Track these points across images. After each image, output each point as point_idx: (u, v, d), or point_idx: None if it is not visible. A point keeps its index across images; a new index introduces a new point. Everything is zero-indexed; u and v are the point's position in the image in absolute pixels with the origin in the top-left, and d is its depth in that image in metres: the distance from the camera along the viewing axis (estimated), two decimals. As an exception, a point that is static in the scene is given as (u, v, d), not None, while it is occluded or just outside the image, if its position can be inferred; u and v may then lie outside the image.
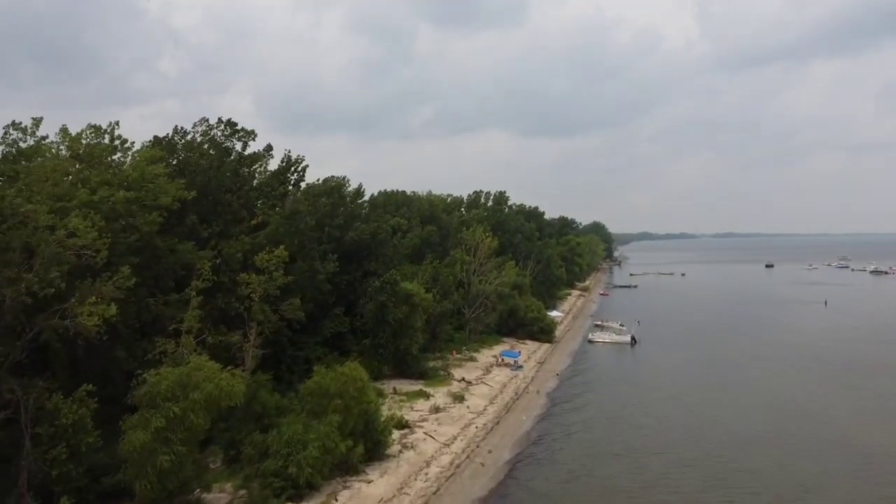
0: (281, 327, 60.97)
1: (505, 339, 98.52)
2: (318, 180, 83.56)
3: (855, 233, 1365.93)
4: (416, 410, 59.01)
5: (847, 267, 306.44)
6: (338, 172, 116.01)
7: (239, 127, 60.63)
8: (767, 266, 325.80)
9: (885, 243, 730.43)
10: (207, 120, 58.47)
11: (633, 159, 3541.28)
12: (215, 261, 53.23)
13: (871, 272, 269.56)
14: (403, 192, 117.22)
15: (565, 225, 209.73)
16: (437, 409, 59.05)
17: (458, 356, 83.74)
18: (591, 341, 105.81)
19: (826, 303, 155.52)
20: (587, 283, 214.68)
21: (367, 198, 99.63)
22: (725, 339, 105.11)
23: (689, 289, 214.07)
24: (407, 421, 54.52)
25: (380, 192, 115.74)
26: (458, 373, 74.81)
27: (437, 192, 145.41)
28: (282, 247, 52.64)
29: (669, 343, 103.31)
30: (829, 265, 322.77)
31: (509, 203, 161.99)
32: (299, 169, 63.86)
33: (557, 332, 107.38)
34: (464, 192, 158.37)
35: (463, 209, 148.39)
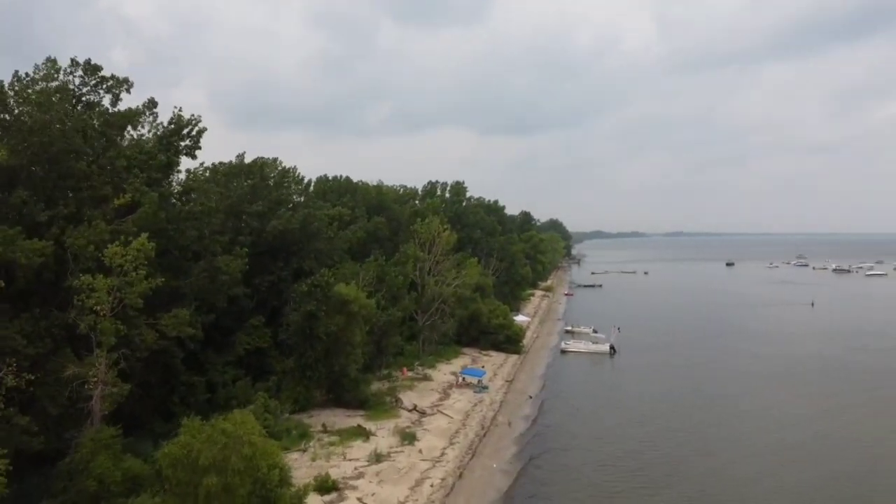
0: (167, 346, 44.92)
1: (465, 351, 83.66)
2: (236, 158, 67.51)
3: (802, 232, 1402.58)
4: (351, 460, 43.52)
5: (807, 265, 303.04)
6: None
7: (107, 74, 43.77)
8: (728, 264, 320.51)
9: (832, 242, 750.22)
10: (55, 60, 41.50)
11: (590, 159, 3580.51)
12: (59, 255, 36.83)
13: (834, 270, 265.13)
14: (348, 179, 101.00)
15: (527, 220, 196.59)
16: (378, 458, 43.63)
17: (410, 374, 68.45)
18: (564, 351, 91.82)
19: (813, 304, 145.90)
20: (549, 282, 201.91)
21: (306, 184, 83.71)
22: (717, 351, 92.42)
23: (656, 288, 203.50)
24: (335, 481, 38.93)
25: (318, 178, 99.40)
26: (408, 398, 59.49)
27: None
28: (144, 236, 36.25)
29: (652, 353, 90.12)
30: (788, 263, 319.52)
31: (468, 195, 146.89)
32: (193, 133, 47.35)
33: (525, 341, 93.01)
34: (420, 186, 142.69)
35: (417, 201, 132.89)
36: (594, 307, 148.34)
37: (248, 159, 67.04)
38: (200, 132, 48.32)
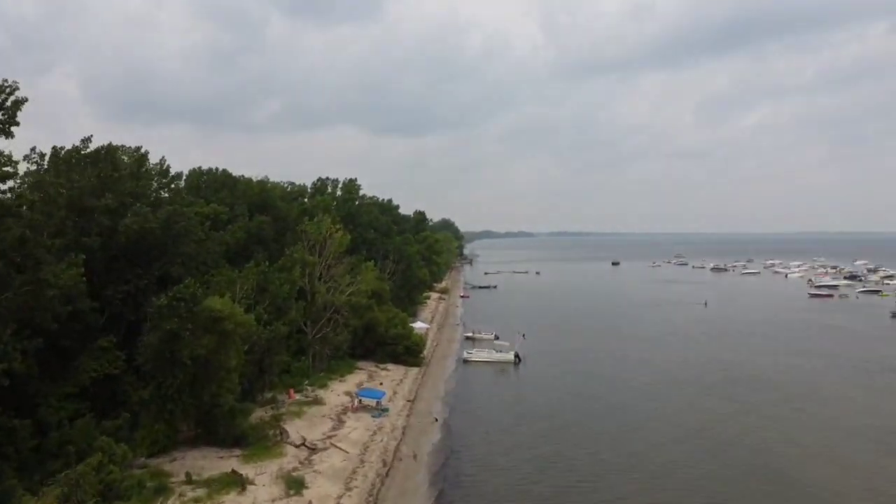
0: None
1: (361, 365, 75.43)
2: (80, 142, 55.55)
3: (675, 232, 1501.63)
4: (220, 523, 34.48)
5: (686, 264, 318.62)
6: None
7: None
8: (614, 264, 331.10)
9: (704, 242, 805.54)
10: None
11: (479, 160, 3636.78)
12: None
13: (712, 269, 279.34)
14: (226, 172, 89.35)
15: (422, 220, 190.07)
16: (257, 516, 34.91)
17: (298, 397, 59.45)
18: (466, 361, 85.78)
19: (706, 304, 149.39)
20: (444, 283, 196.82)
21: (172, 176, 71.91)
22: (623, 356, 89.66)
23: (549, 288, 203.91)
24: (196, 561, 29.94)
25: (191, 171, 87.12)
26: (296, 428, 50.65)
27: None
28: None
29: (557, 360, 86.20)
30: (669, 262, 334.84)
31: (361, 194, 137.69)
32: (6, 104, 36.06)
33: (425, 351, 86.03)
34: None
35: (306, 199, 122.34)
36: (491, 309, 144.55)
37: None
38: (18, 103, 37.08)
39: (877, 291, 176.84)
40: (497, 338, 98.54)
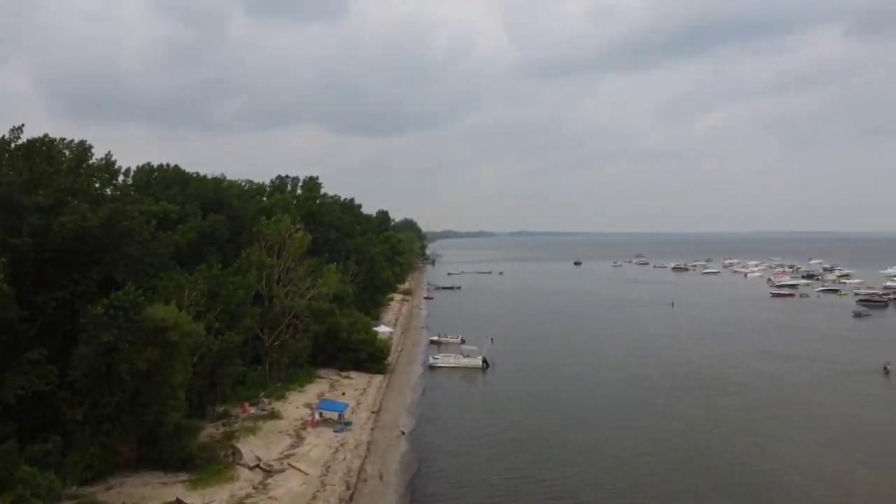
0: None
1: (322, 374, 71.46)
2: (10, 133, 50.39)
3: (636, 232, 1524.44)
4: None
5: (647, 264, 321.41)
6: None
7: None
8: (576, 263, 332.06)
9: (663, 241, 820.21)
10: None
11: (444, 160, 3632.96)
12: None
13: (673, 269, 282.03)
14: (177, 168, 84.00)
15: (385, 220, 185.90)
16: (203, 555, 30.96)
17: (253, 411, 55.24)
18: (433, 367, 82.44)
19: (673, 304, 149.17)
20: (408, 284, 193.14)
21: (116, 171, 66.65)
22: (594, 360, 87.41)
23: (514, 289, 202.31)
24: None
25: (139, 167, 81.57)
26: (250, 447, 46.56)
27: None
28: None
29: (524, 364, 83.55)
30: (630, 262, 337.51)
31: (322, 192, 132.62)
32: None
33: (390, 357, 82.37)
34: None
35: (265, 198, 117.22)
36: (456, 311, 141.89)
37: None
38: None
39: (835, 290, 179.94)
40: (463, 342, 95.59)
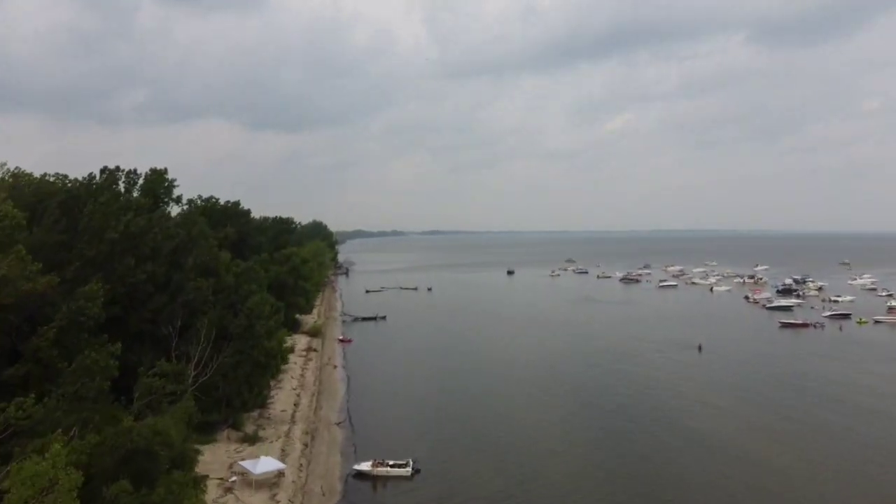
0: None
1: None
2: None
3: (545, 230, 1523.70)
4: None
5: (587, 272, 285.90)
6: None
7: None
8: (509, 273, 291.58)
9: (568, 241, 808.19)
10: None
11: (357, 158, 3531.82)
12: None
13: (621, 280, 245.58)
14: None
15: (283, 230, 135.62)
16: None
17: None
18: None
19: (700, 348, 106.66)
20: (315, 313, 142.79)
21: None
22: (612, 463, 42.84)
23: (450, 314, 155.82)
24: None
25: None
26: None
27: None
28: None
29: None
30: (566, 270, 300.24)
31: (179, 194, 78.30)
32: None
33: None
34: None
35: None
36: (385, 363, 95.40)
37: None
38: None
39: (846, 315, 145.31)
40: (417, 471, 49.46)
